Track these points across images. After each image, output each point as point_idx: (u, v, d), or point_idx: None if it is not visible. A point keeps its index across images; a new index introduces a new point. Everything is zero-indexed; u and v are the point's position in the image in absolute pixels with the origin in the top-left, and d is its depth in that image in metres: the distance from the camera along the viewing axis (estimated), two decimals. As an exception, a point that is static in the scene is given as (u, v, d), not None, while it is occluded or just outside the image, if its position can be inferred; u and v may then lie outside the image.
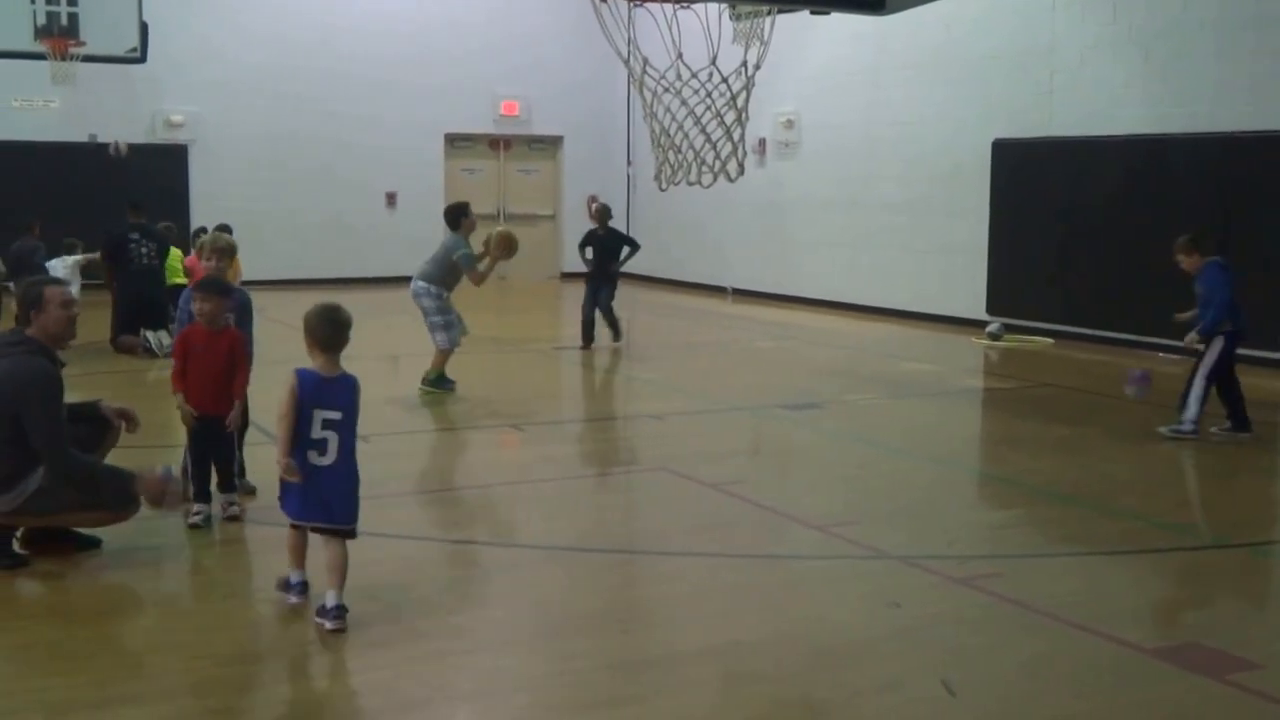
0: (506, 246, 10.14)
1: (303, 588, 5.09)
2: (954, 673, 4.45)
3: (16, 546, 5.56)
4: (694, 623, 5.05)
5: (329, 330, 5.01)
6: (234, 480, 6.30)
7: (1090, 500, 7.01)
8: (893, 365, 12.12)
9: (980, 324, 14.14)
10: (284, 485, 4.94)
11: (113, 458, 5.96)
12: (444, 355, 10.09)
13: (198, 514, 6.14)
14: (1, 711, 4.17)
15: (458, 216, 10.24)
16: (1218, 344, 8.42)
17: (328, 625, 4.76)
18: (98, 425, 5.88)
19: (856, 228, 16.48)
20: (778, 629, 4.97)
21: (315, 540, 5.01)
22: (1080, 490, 7.25)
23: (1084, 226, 13.31)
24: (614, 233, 13.03)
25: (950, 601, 5.33)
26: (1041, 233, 13.75)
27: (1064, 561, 5.94)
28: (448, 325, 10.05)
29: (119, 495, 5.59)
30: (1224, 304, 8.29)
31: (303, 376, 4.91)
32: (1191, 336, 8.52)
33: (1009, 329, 13.84)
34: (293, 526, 5.05)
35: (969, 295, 14.61)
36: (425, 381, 10.04)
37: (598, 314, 12.65)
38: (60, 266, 13.13)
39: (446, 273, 10.11)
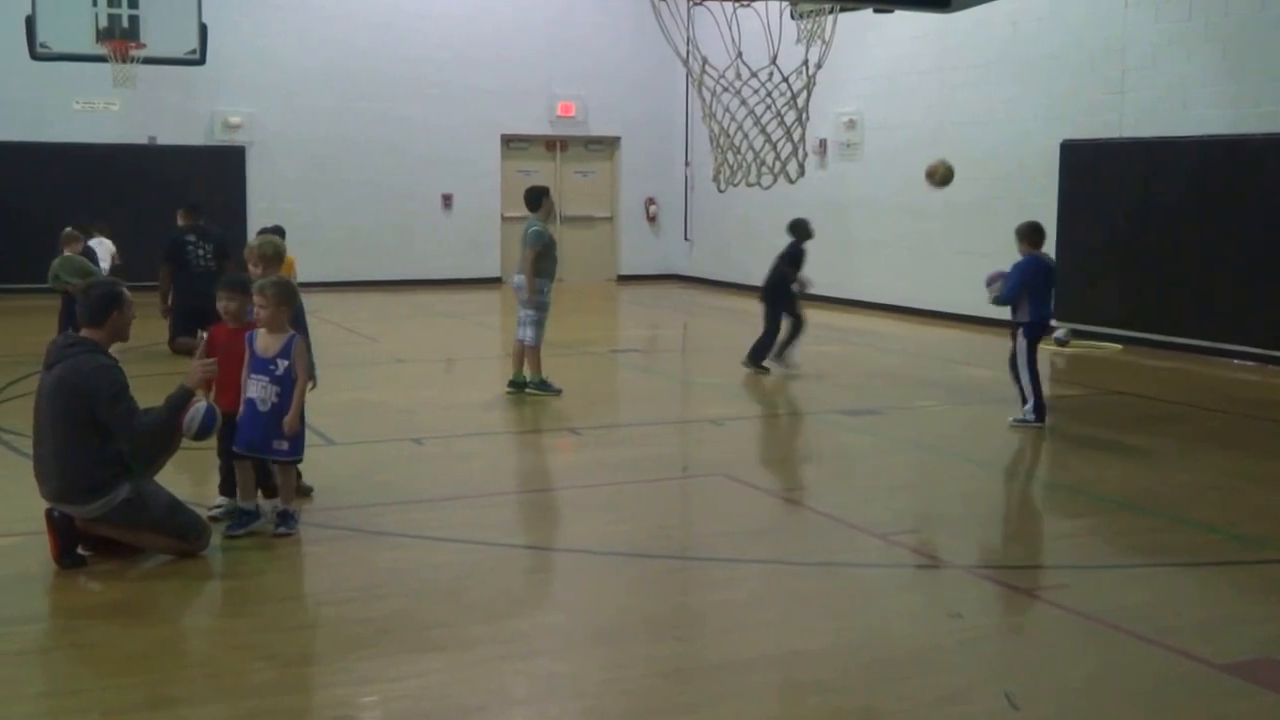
0: None
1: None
2: (1017, 685, 4.34)
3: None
4: (752, 630, 4.98)
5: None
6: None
7: (1159, 510, 6.84)
8: (955, 370, 11.94)
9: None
10: (286, 433, 5.94)
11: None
12: (535, 351, 9.97)
13: (218, 507, 6.20)
14: (61, 711, 4.21)
15: (538, 197, 10.20)
16: (1020, 338, 8.89)
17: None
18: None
19: (918, 230, 16.27)
20: (837, 638, 4.89)
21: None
22: (1149, 500, 7.07)
23: (1156, 230, 13.02)
24: None
25: (1014, 612, 5.22)
26: (1111, 236, 13.46)
27: (1132, 572, 5.79)
28: (538, 322, 9.96)
29: (194, 525, 5.69)
30: (1012, 287, 8.86)
31: None
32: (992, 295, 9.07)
33: (1076, 334, 13.58)
34: (292, 465, 6.10)
35: (1034, 299, 14.34)
36: (530, 384, 9.93)
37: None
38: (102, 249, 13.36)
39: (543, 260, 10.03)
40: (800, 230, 11.73)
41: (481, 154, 20.12)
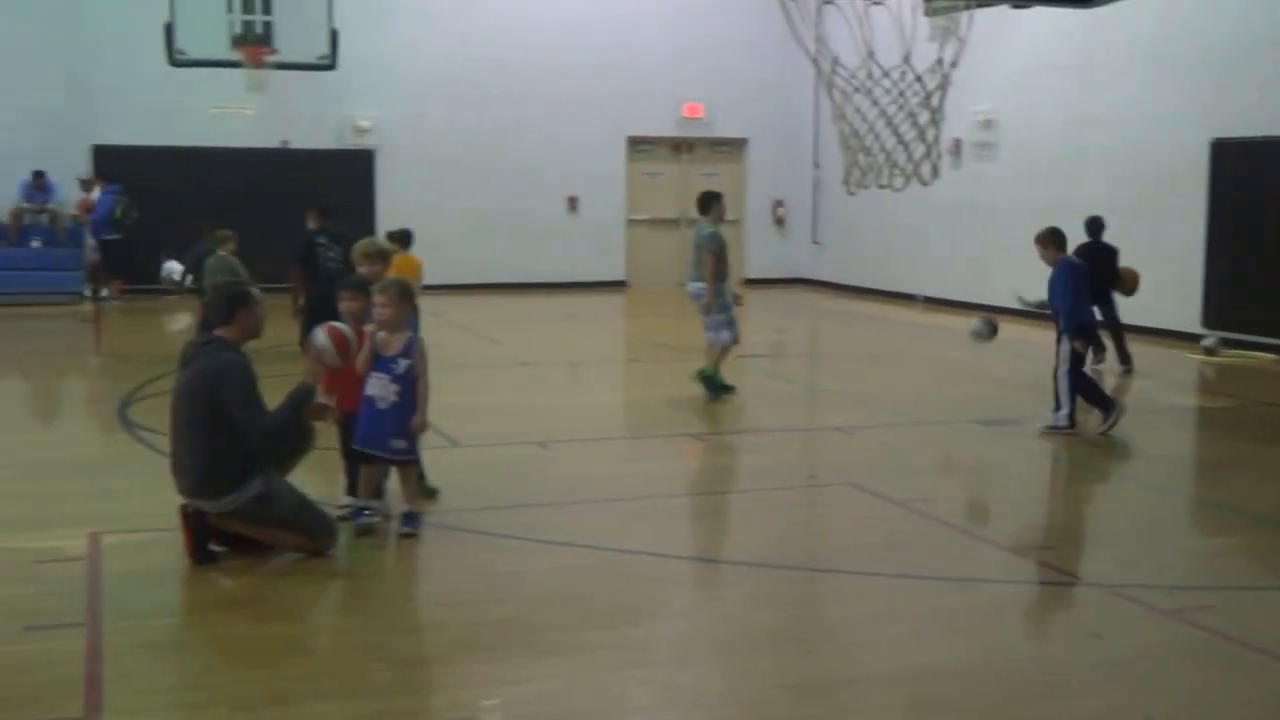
0: None
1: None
2: (1160, 710, 4.14)
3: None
4: (878, 645, 4.83)
5: None
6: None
7: (1318, 529, 6.45)
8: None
9: (1192, 337, 13.29)
10: (410, 432, 6.01)
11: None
12: (715, 350, 9.99)
13: (345, 507, 6.24)
14: (189, 704, 4.30)
15: (709, 202, 10.25)
16: (1064, 343, 8.66)
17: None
18: (294, 433, 5.99)
19: (1056, 233, 15.73)
20: (968, 656, 4.71)
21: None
22: (1306, 518, 6.67)
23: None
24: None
25: (1157, 634, 4.96)
26: (1267, 240, 12.77)
27: (1285, 595, 5.46)
28: (718, 325, 9.97)
29: (322, 524, 5.79)
30: (1071, 305, 8.76)
31: None
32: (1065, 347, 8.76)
33: (1227, 343, 12.94)
34: (410, 466, 6.13)
35: (1181, 306, 13.72)
36: (702, 377, 9.93)
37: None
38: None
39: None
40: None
41: (607, 157, 20.15)
